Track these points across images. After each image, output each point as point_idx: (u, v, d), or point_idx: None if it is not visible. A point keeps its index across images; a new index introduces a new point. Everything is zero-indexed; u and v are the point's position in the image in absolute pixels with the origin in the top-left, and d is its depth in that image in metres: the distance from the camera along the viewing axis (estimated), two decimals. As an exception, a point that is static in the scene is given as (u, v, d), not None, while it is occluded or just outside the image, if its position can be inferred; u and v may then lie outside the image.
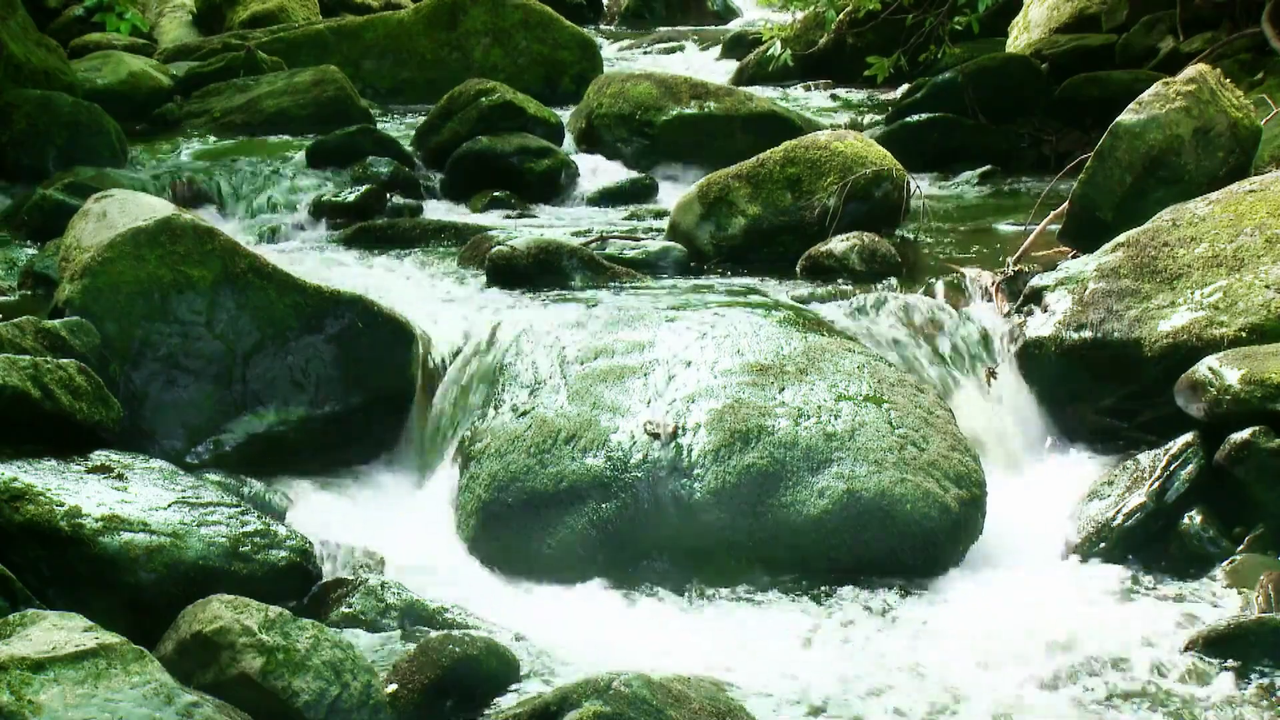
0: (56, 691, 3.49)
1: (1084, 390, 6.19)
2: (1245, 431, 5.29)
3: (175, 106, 11.10)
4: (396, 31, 12.75)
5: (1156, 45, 10.82)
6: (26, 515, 4.62)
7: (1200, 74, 7.08)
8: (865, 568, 5.26)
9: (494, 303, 6.72)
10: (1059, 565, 5.39)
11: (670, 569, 5.27)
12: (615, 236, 7.86)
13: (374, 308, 6.11)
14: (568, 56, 12.68)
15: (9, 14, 9.73)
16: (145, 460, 5.18)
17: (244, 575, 4.69)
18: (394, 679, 4.15)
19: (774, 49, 12.15)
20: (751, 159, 7.74)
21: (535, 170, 9.37)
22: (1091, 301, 6.23)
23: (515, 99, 9.95)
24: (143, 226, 5.93)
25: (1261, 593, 4.88)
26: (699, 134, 9.89)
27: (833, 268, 7.14)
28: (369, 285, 6.65)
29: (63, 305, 5.86)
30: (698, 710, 3.85)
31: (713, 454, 5.39)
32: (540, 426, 5.56)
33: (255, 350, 5.94)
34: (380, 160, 9.24)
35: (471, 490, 5.52)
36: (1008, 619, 4.90)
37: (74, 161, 8.78)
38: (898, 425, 5.51)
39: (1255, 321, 5.84)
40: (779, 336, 5.94)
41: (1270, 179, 6.54)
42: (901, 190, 7.68)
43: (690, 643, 4.79)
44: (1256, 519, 5.29)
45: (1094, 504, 5.50)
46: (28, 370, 5.11)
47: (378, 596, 4.77)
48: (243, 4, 15.47)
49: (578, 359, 5.88)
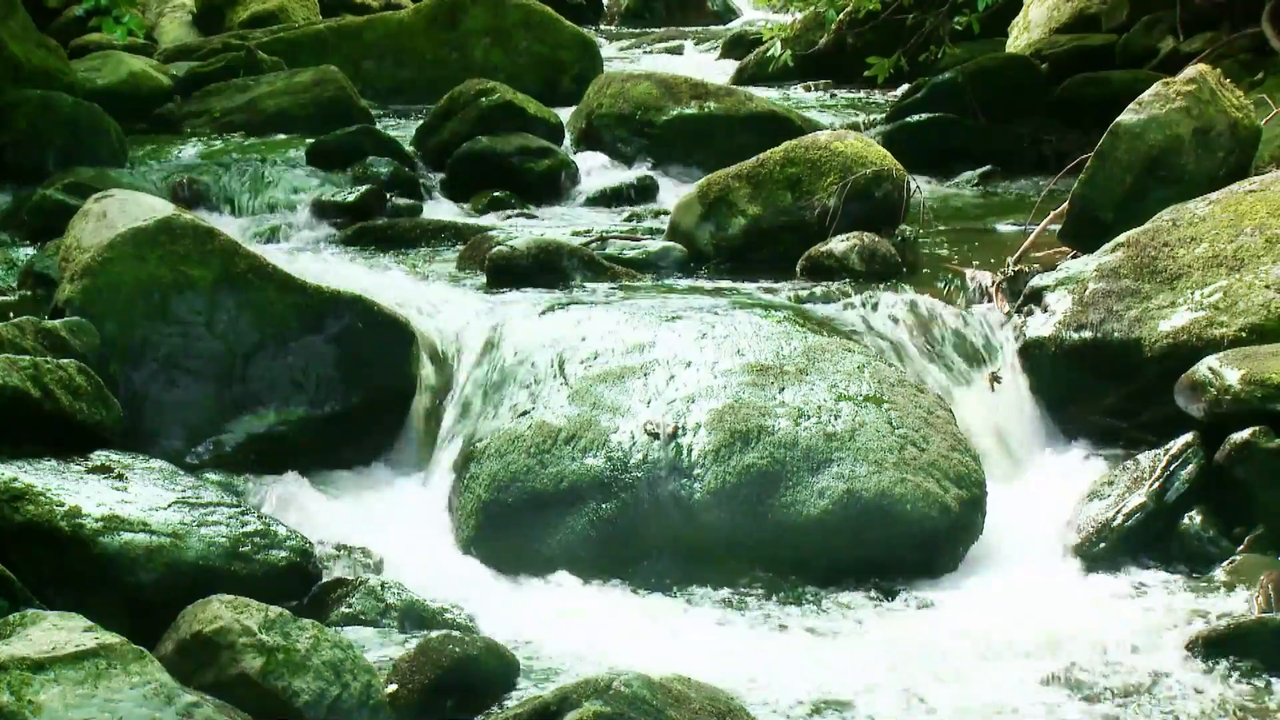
0: (56, 691, 3.49)
1: (1084, 390, 6.18)
2: (1245, 431, 5.29)
3: (175, 106, 11.10)
4: (396, 31, 12.75)
5: (1156, 45, 10.83)
6: (26, 515, 4.62)
7: (1200, 74, 7.08)
8: (865, 568, 5.26)
9: (494, 303, 6.71)
10: (1059, 565, 5.38)
11: (670, 569, 5.27)
12: (615, 236, 7.85)
13: (374, 308, 6.11)
14: (568, 56, 12.68)
15: (9, 14, 9.72)
16: (145, 460, 5.17)
17: (244, 575, 4.68)
18: (394, 679, 4.15)
19: (774, 49, 12.15)
20: (751, 159, 7.73)
21: (535, 170, 9.37)
22: (1091, 301, 6.23)
23: (515, 99, 9.95)
24: (143, 226, 5.93)
25: (1261, 593, 4.88)
26: (699, 134, 9.89)
27: (833, 268, 7.14)
28: (369, 285, 6.64)
29: (63, 305, 5.85)
30: (698, 710, 3.85)
31: (713, 454, 5.39)
32: (540, 426, 5.56)
33: (255, 350, 5.94)
34: (380, 160, 9.23)
35: (471, 490, 5.52)
36: (1008, 619, 4.90)
37: (74, 161, 8.77)
38: (898, 425, 5.51)
39: (1255, 321, 5.84)
40: (779, 336, 5.94)
41: (1270, 179, 6.54)
42: (901, 190, 7.67)
43: (690, 643, 4.79)
44: (1256, 519, 5.29)
45: (1094, 504, 5.50)
46: (28, 370, 5.10)
47: (378, 596, 4.77)
48: (243, 4, 15.48)
49: (578, 359, 5.88)
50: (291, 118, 10.58)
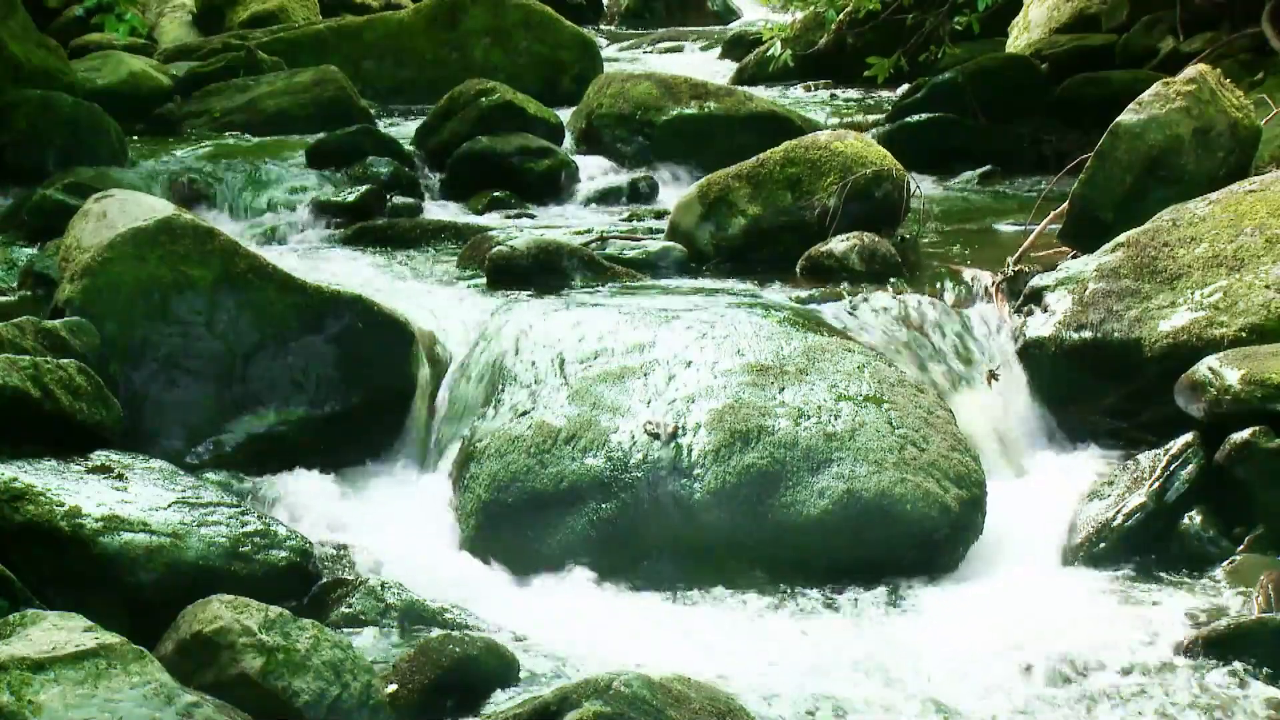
0: (56, 691, 3.49)
1: (1084, 390, 6.18)
2: (1245, 431, 5.29)
3: (175, 106, 11.10)
4: (396, 31, 12.75)
5: (1156, 45, 10.82)
6: (26, 515, 4.62)
7: (1200, 74, 7.08)
8: (865, 568, 5.26)
9: (494, 303, 6.71)
10: (1059, 565, 5.38)
11: (670, 569, 5.27)
12: (615, 236, 7.85)
13: (374, 307, 6.11)
14: (568, 56, 12.68)
15: (9, 14, 9.72)
16: (145, 460, 5.18)
17: (244, 575, 4.68)
18: (394, 679, 4.15)
19: (774, 49, 12.14)
20: (751, 159, 7.73)
21: (535, 170, 9.37)
22: (1091, 301, 6.23)
23: (515, 99, 9.95)
24: (143, 226, 5.93)
25: (1261, 593, 4.88)
26: (699, 134, 9.89)
27: (833, 268, 7.14)
28: (369, 285, 6.65)
29: (63, 305, 5.85)
30: (698, 710, 3.85)
31: (713, 454, 5.39)
32: (540, 426, 5.56)
33: (255, 350, 5.94)
34: (380, 160, 9.23)
35: (471, 490, 5.52)
36: (1008, 619, 4.90)
37: (74, 161, 8.77)
38: (898, 425, 5.51)
39: (1255, 321, 5.84)
40: (779, 336, 5.94)
41: (1270, 179, 6.54)
42: (901, 190, 7.67)
43: (691, 643, 4.79)
44: (1256, 519, 5.29)
45: (1094, 504, 5.50)
46: (28, 370, 5.10)
47: (378, 596, 4.77)
48: (243, 4, 15.48)
49: (578, 359, 5.88)
50: (291, 118, 10.58)
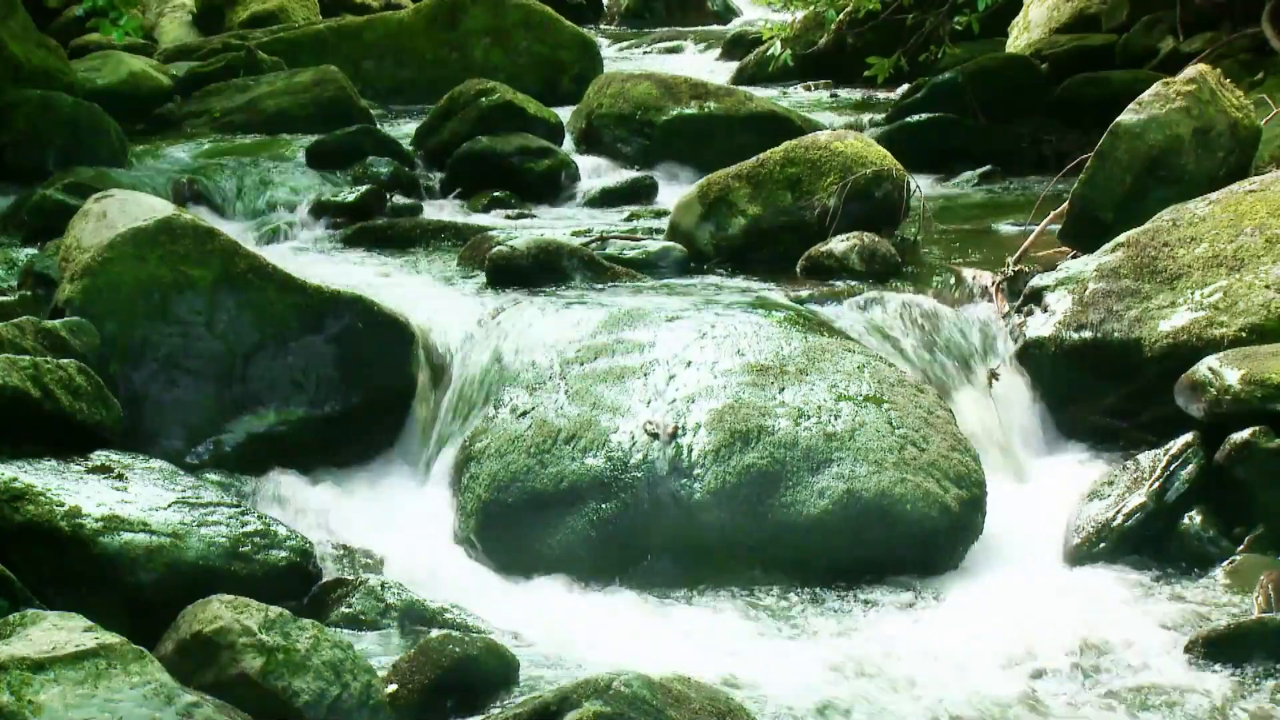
0: (56, 691, 3.49)
1: (1084, 390, 6.18)
2: (1245, 431, 5.29)
3: (175, 106, 11.11)
4: (396, 31, 12.76)
5: (1156, 45, 10.83)
6: (26, 515, 4.62)
7: (1200, 74, 7.08)
8: (865, 568, 5.26)
9: (494, 303, 6.71)
10: (1059, 565, 5.38)
11: (670, 569, 5.27)
12: (615, 236, 7.85)
13: (374, 307, 6.11)
14: (568, 56, 12.69)
15: (9, 14, 9.73)
16: (145, 460, 5.18)
17: (244, 575, 4.68)
18: (394, 679, 4.15)
19: (774, 49, 12.15)
20: (751, 159, 7.73)
21: (535, 170, 9.37)
22: (1091, 301, 6.23)
23: (515, 99, 9.95)
24: (143, 226, 5.93)
25: (1261, 593, 4.88)
26: (699, 134, 9.89)
27: (833, 268, 7.13)
28: (369, 285, 6.65)
29: (63, 305, 5.86)
30: (698, 710, 3.85)
31: (713, 454, 5.39)
32: (540, 426, 5.56)
33: (255, 350, 5.94)
34: (380, 160, 9.24)
35: (471, 490, 5.52)
36: (1008, 619, 4.90)
37: (74, 161, 8.78)
38: (898, 425, 5.51)
39: (1255, 321, 5.84)
40: (779, 336, 5.94)
41: (1270, 179, 6.54)
42: (901, 190, 7.67)
43: (690, 643, 4.79)
44: (1256, 519, 5.29)
45: (1094, 504, 5.50)
46: (28, 370, 5.10)
47: (378, 596, 4.77)
48: (243, 4, 15.49)
49: (578, 359, 5.88)
50: (291, 118, 10.58)
